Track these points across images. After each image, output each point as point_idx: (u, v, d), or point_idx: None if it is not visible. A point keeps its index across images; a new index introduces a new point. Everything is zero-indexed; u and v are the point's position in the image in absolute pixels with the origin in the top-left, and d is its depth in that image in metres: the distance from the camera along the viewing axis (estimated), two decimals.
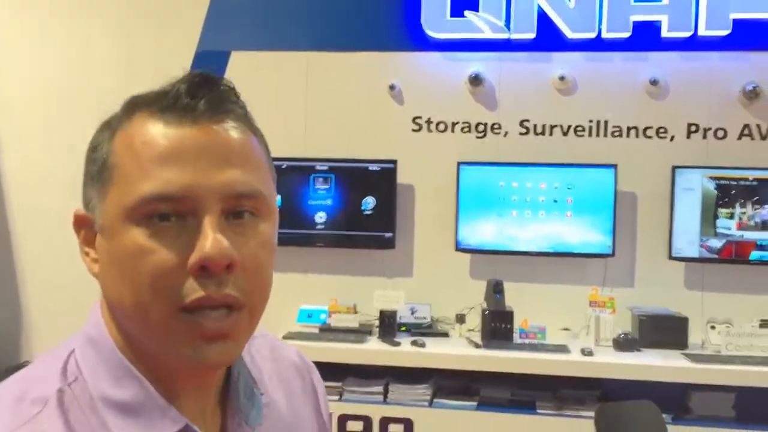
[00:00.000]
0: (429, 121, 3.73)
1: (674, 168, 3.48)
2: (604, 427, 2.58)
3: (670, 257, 3.49)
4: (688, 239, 3.47)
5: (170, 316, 0.61)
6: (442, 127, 3.72)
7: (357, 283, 3.70)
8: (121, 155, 0.64)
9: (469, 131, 3.71)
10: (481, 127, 3.70)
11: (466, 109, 3.70)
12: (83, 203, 0.68)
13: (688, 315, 3.37)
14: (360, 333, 3.39)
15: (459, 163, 3.59)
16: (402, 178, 3.67)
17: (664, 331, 3.32)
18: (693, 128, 3.56)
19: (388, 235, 3.63)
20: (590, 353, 3.14)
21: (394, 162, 3.65)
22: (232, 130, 0.65)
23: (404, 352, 3.20)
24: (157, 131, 0.63)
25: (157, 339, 0.63)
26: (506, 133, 3.68)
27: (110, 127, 0.68)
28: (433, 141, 3.72)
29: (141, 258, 0.61)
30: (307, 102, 3.76)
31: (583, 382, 3.19)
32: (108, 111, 0.71)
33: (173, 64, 3.41)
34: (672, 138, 3.57)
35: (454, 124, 3.72)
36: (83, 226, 0.68)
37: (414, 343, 3.25)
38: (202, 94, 0.64)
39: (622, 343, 3.24)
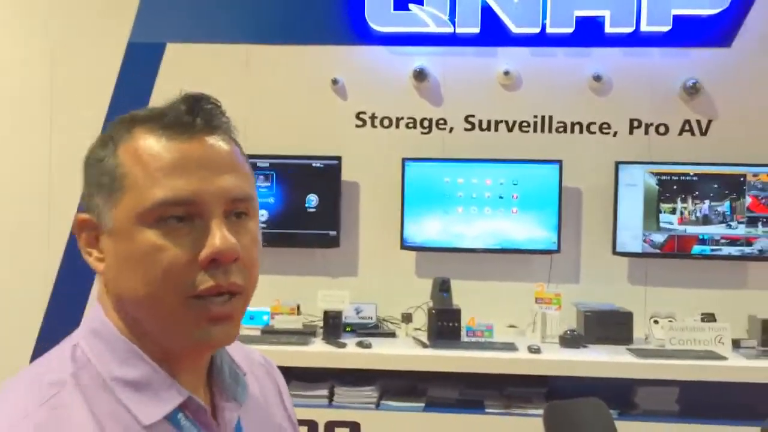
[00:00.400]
0: (373, 117, 3.65)
1: (617, 164, 3.49)
2: (553, 426, 2.56)
3: (614, 252, 3.50)
4: (632, 234, 3.49)
5: (180, 303, 0.71)
6: (386, 122, 3.65)
7: (300, 283, 3.59)
8: (130, 166, 0.72)
9: (414, 127, 3.65)
10: (426, 123, 3.64)
11: (410, 104, 3.64)
12: (86, 209, 0.75)
13: (632, 310, 3.39)
14: (303, 335, 3.29)
15: (404, 159, 3.53)
16: (346, 174, 3.58)
17: (609, 326, 3.33)
18: (635, 124, 3.58)
19: (332, 233, 3.54)
20: (537, 350, 3.12)
21: (338, 158, 3.56)
22: (221, 142, 0.76)
23: (350, 354, 3.12)
24: (161, 145, 0.72)
25: (166, 324, 0.72)
26: (451, 129, 3.63)
27: (112, 141, 0.75)
28: (378, 137, 3.64)
29: (154, 255, 0.70)
30: (247, 97, 3.64)
31: (531, 379, 3.17)
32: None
33: (102, 57, 3.24)
34: (615, 134, 3.58)
35: (398, 120, 3.65)
36: (85, 229, 0.75)
37: (360, 344, 3.17)
38: (197, 112, 0.74)
39: (569, 340, 3.23)
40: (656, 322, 3.40)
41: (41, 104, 3.70)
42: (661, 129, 3.56)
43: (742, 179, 3.44)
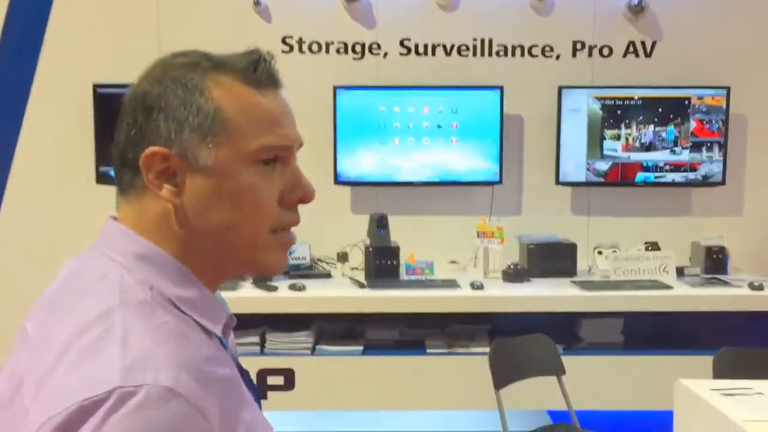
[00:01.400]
0: (301, 42, 3.37)
1: (560, 88, 3.32)
2: (499, 364, 2.43)
3: (558, 182, 3.36)
4: (575, 163, 3.35)
5: (267, 234, 0.79)
6: (315, 47, 3.37)
7: None
8: (234, 113, 0.77)
9: (346, 52, 3.38)
10: (358, 48, 3.38)
11: (341, 27, 3.36)
12: (166, 145, 0.75)
13: (575, 241, 3.28)
14: (231, 279, 3.06)
15: (335, 88, 3.27)
16: None
17: (552, 259, 3.21)
18: (578, 46, 3.39)
19: None
20: (480, 287, 2.97)
21: None
22: (284, 95, 0.83)
23: (282, 298, 2.92)
24: (258, 98, 0.78)
25: (252, 252, 0.79)
26: (386, 54, 3.38)
27: (195, 87, 0.77)
28: (306, 63, 3.36)
29: (254, 193, 0.77)
30: (159, 21, 3.29)
31: (473, 316, 3.04)
32: None
33: None
34: (557, 57, 3.40)
35: (328, 45, 3.37)
36: (157, 162, 0.76)
37: (292, 287, 2.97)
38: (272, 70, 0.80)
39: (512, 274, 3.10)
40: (600, 252, 3.30)
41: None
42: (605, 51, 3.39)
43: (686, 102, 3.31)
